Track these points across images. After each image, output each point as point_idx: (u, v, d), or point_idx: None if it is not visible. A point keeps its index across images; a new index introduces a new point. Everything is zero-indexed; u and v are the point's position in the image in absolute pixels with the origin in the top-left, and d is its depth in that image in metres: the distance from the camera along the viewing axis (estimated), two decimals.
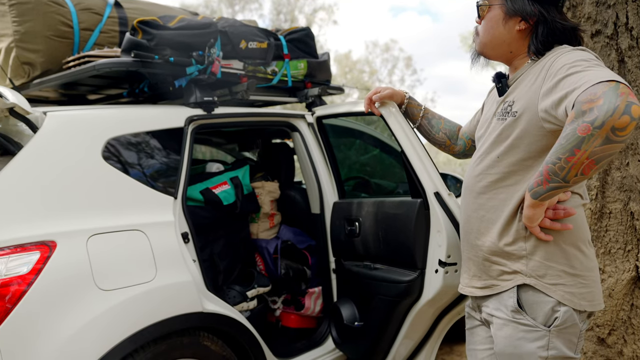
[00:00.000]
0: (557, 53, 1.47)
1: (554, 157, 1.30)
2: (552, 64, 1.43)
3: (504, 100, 1.58)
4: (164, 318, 1.92)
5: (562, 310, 1.44)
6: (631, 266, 2.13)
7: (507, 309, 1.50)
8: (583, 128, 1.22)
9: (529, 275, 1.48)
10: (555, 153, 1.30)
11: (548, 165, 1.32)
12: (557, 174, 1.31)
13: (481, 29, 1.62)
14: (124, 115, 2.22)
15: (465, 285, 1.67)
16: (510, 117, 1.51)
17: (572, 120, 1.26)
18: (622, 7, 2.10)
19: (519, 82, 1.55)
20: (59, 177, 1.89)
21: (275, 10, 22.87)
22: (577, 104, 1.25)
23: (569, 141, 1.26)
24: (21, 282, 1.67)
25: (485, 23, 1.61)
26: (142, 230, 1.97)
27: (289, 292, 2.92)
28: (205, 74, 2.40)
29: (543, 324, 1.45)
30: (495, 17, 1.58)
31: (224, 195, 2.63)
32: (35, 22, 2.53)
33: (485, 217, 1.57)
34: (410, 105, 2.10)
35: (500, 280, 1.53)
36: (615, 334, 2.19)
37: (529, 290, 1.48)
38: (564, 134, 1.28)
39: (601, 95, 1.21)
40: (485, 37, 1.61)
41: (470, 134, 1.97)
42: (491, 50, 1.62)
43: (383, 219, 2.30)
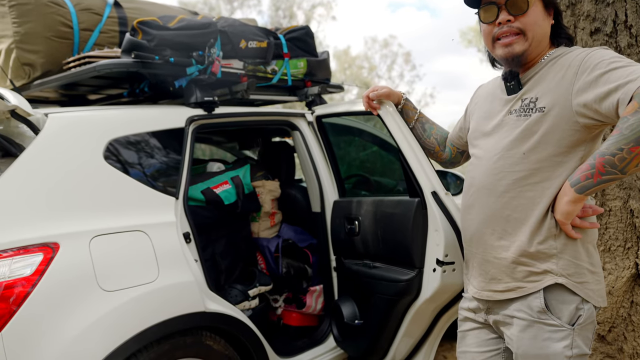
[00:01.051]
0: (582, 50, 1.44)
1: (613, 147, 1.29)
2: (583, 59, 1.40)
3: (522, 97, 1.52)
4: (166, 318, 1.93)
5: (585, 308, 1.45)
6: (631, 263, 2.14)
7: (531, 310, 1.47)
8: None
9: (559, 274, 1.45)
10: (616, 143, 1.29)
11: (605, 157, 1.30)
12: (615, 166, 1.30)
13: (528, 25, 1.48)
14: (125, 116, 2.22)
15: (481, 289, 1.59)
16: (536, 112, 1.46)
17: (635, 111, 1.26)
18: (621, 5, 2.11)
19: (537, 78, 1.51)
20: (61, 179, 1.90)
21: (273, 6, 22.83)
22: (638, 96, 1.25)
23: (634, 131, 1.25)
24: (25, 284, 1.68)
25: (531, 17, 1.48)
26: (144, 230, 1.98)
27: (290, 291, 2.94)
28: (206, 74, 2.41)
29: (567, 323, 1.44)
30: (539, 9, 1.49)
31: (225, 194, 2.64)
32: (35, 23, 2.53)
33: (511, 216, 1.50)
34: (406, 107, 2.10)
35: (527, 282, 1.48)
36: (615, 330, 2.20)
37: (555, 290, 1.46)
38: (627, 124, 1.27)
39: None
40: (537, 33, 1.49)
41: (455, 142, 1.95)
42: (536, 46, 1.51)
43: (382, 218, 2.32)
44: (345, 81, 23.03)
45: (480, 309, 1.63)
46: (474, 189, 1.60)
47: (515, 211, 1.50)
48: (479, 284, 1.60)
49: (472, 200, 1.61)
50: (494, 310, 1.58)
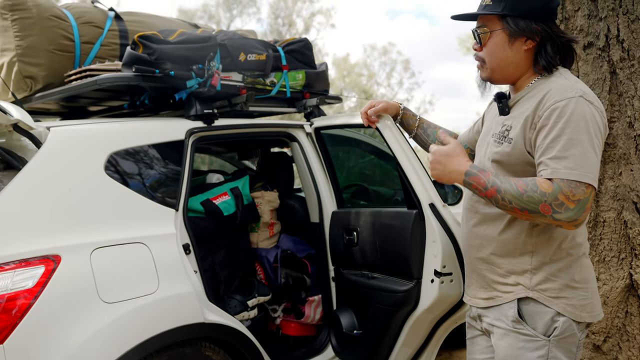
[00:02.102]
0: (549, 91, 1.47)
1: (508, 195, 1.41)
2: (544, 99, 1.45)
3: (504, 122, 1.59)
4: (166, 329, 1.95)
5: (561, 320, 1.48)
6: (625, 274, 2.17)
7: (507, 319, 1.53)
8: (546, 209, 1.37)
9: (531, 288, 1.51)
10: (511, 196, 1.41)
11: (495, 194, 1.43)
12: (497, 203, 1.44)
13: (486, 55, 1.60)
14: (126, 129, 2.25)
15: (471, 297, 1.69)
16: (506, 142, 1.54)
17: (545, 192, 1.37)
18: (613, 20, 2.15)
19: (518, 106, 1.57)
20: (62, 192, 1.92)
21: (273, 14, 22.94)
22: (556, 192, 1.37)
23: (530, 205, 1.39)
24: (27, 296, 1.70)
25: (489, 49, 1.59)
26: (144, 242, 2.00)
27: (289, 301, 2.96)
28: (205, 87, 2.44)
29: (543, 334, 1.48)
30: (499, 41, 1.57)
31: (224, 205, 2.66)
32: (37, 37, 2.56)
33: (487, 230, 1.60)
34: (405, 116, 2.13)
35: (502, 292, 1.56)
36: (610, 341, 2.22)
37: (529, 302, 1.51)
38: (534, 193, 1.38)
39: (576, 202, 1.36)
40: (493, 62, 1.59)
41: (469, 143, 1.97)
42: (500, 74, 1.60)
43: (380, 229, 2.34)
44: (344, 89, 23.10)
45: (476, 317, 1.70)
46: (464, 203, 1.72)
47: (487, 227, 1.59)
48: (471, 291, 1.70)
49: (463, 213, 1.73)
50: (483, 318, 1.65)
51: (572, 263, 1.52)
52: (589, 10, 2.22)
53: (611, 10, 2.15)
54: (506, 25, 1.54)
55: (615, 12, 2.14)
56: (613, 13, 2.15)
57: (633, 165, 2.12)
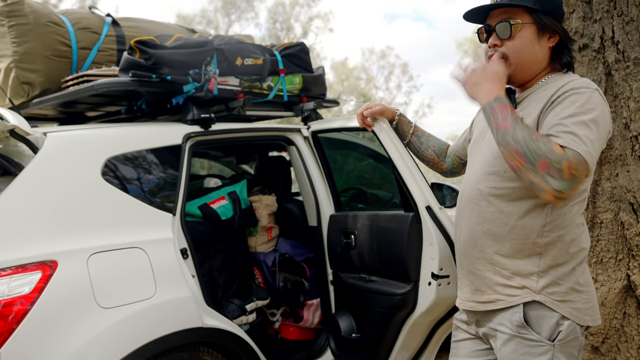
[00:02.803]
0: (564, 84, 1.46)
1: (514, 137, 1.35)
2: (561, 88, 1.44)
3: None
4: (164, 334, 1.95)
5: (565, 324, 1.46)
6: (623, 275, 2.17)
7: (511, 324, 1.49)
8: (544, 167, 1.32)
9: (538, 292, 1.48)
10: (518, 136, 1.35)
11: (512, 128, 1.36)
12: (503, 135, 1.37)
13: (511, 50, 1.52)
14: (123, 134, 2.26)
15: (465, 300, 1.62)
16: None
17: (553, 150, 1.32)
18: (608, 22, 2.16)
19: (527, 102, 1.54)
20: (59, 197, 1.92)
21: (271, 19, 23.02)
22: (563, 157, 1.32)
23: (532, 151, 1.33)
24: (24, 302, 1.70)
25: (517, 43, 1.52)
26: (141, 247, 2.00)
27: (287, 305, 2.95)
28: (202, 92, 2.44)
29: (547, 339, 1.46)
30: (528, 36, 1.51)
31: (222, 210, 2.66)
32: (34, 43, 2.57)
33: (491, 230, 1.53)
34: (400, 122, 2.13)
35: (506, 296, 1.51)
36: (608, 342, 2.22)
37: (534, 306, 1.48)
38: (543, 144, 1.33)
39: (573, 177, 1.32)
40: (520, 58, 1.52)
41: (458, 152, 1.97)
42: (521, 72, 1.55)
43: (377, 232, 2.34)
44: (343, 92, 23.14)
45: (471, 321, 1.65)
46: (462, 202, 1.64)
47: (494, 225, 1.53)
48: (464, 294, 1.64)
49: (459, 213, 1.66)
50: (482, 322, 1.60)
51: (576, 266, 1.50)
52: (583, 13, 2.23)
53: (606, 12, 2.16)
54: (537, 19, 1.50)
55: (609, 14, 2.15)
56: (608, 15, 2.16)
57: (629, 167, 2.13)
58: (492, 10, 1.58)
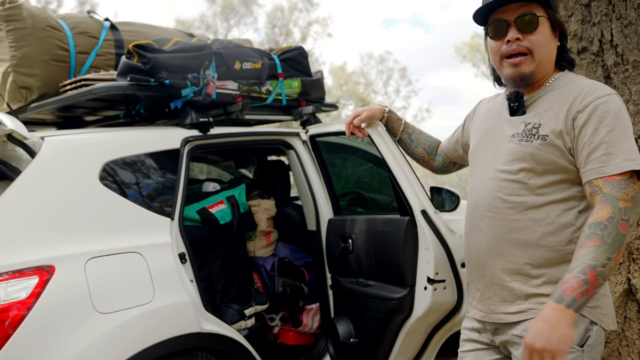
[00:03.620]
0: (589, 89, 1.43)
1: (602, 258, 1.27)
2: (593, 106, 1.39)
3: (525, 121, 1.51)
4: (162, 339, 1.93)
5: (594, 329, 1.43)
6: (623, 279, 2.16)
7: None
8: (623, 226, 1.30)
9: None
10: (604, 253, 1.27)
11: (597, 270, 1.27)
12: (605, 276, 1.28)
13: (536, 45, 1.46)
14: (121, 138, 2.25)
15: (490, 312, 1.54)
16: (538, 139, 1.45)
17: (609, 216, 1.30)
18: (606, 25, 2.15)
19: (541, 103, 1.50)
20: (57, 201, 1.91)
21: (270, 24, 23.05)
22: (612, 199, 1.31)
23: (615, 240, 1.28)
24: (20, 307, 1.69)
25: (540, 38, 1.46)
26: (139, 252, 1.99)
27: (286, 309, 2.94)
28: (201, 96, 2.44)
29: (577, 344, 1.41)
30: (547, 30, 1.47)
31: (221, 214, 2.65)
32: (32, 47, 2.57)
33: (518, 239, 1.48)
34: (390, 120, 2.10)
35: (538, 304, 1.45)
36: (609, 346, 2.21)
37: None
38: (607, 232, 1.29)
39: (632, 199, 1.31)
40: (543, 53, 1.46)
41: (449, 153, 1.93)
42: (542, 67, 1.48)
43: (374, 236, 2.34)
44: (341, 97, 23.17)
45: (487, 329, 1.59)
46: (480, 211, 1.56)
47: (522, 234, 1.47)
48: (488, 307, 1.55)
49: (477, 222, 1.57)
50: (502, 330, 1.53)
51: None
52: (582, 16, 2.23)
53: (604, 15, 2.16)
54: (552, 15, 1.47)
55: (608, 17, 2.15)
56: (606, 18, 2.15)
57: None
58: (504, 6, 1.50)
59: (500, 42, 1.52)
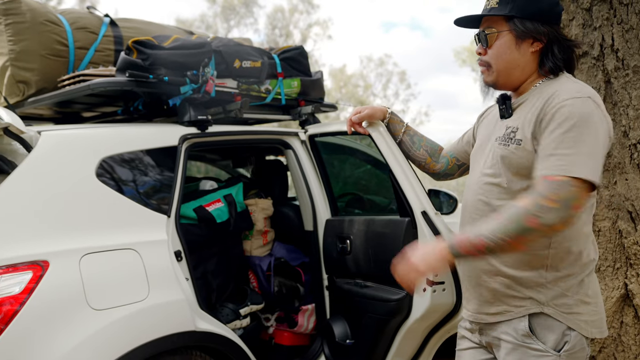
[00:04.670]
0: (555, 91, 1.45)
1: (494, 234, 1.36)
2: (553, 108, 1.42)
3: (507, 125, 1.55)
4: (156, 337, 1.92)
5: (572, 335, 1.44)
6: (620, 284, 2.15)
7: (517, 333, 1.48)
8: (531, 220, 1.33)
9: (546, 304, 1.46)
10: (497, 231, 1.36)
11: (486, 242, 1.37)
12: (491, 251, 1.38)
13: (492, 58, 1.56)
14: (118, 134, 2.24)
15: (474, 312, 1.60)
16: (513, 144, 1.49)
17: (523, 206, 1.34)
18: (607, 30, 2.15)
19: (522, 108, 1.54)
20: (52, 197, 1.90)
21: (270, 25, 23.07)
22: (538, 194, 1.35)
23: (517, 227, 1.34)
24: (13, 302, 1.67)
25: (495, 51, 1.55)
26: (135, 249, 1.98)
27: (282, 310, 2.92)
28: (199, 93, 2.43)
29: (553, 349, 1.44)
30: (506, 42, 1.53)
31: (218, 212, 2.64)
32: (31, 41, 2.55)
33: None
34: (392, 121, 2.10)
35: (513, 307, 1.49)
36: (605, 351, 2.20)
37: (541, 316, 1.46)
38: (514, 213, 1.35)
39: (560, 200, 1.32)
40: (500, 65, 1.55)
41: (457, 153, 1.93)
42: (506, 77, 1.57)
43: (373, 237, 2.33)
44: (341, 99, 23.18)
45: (475, 329, 1.63)
46: (467, 213, 1.62)
47: None
48: (474, 306, 1.60)
49: (464, 224, 1.63)
50: (486, 331, 1.58)
51: (585, 278, 1.48)
52: (583, 20, 2.23)
53: (606, 20, 2.16)
54: (513, 27, 1.52)
55: (609, 22, 2.15)
56: (607, 22, 2.15)
57: (628, 175, 2.12)
58: (469, 23, 1.63)
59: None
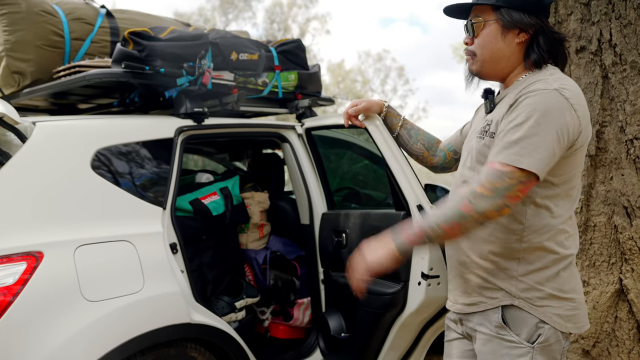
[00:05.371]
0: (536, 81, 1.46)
1: (434, 222, 1.43)
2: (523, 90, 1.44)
3: (486, 118, 1.57)
4: (151, 329, 1.92)
5: (545, 328, 1.45)
6: (615, 279, 2.16)
7: (491, 325, 1.50)
8: (466, 206, 1.38)
9: (517, 296, 1.47)
10: (437, 219, 1.43)
11: (425, 230, 1.44)
12: (430, 238, 1.45)
13: (477, 47, 1.56)
14: (114, 125, 2.23)
15: (454, 302, 1.63)
16: (487, 137, 1.51)
17: (462, 194, 1.40)
18: (606, 24, 2.15)
19: (503, 100, 1.54)
20: (47, 188, 1.89)
21: (268, 19, 22.97)
22: (476, 182, 1.40)
23: (453, 213, 1.40)
24: (7, 293, 1.67)
25: (481, 40, 1.55)
26: (130, 241, 1.97)
27: (277, 303, 2.92)
28: (196, 85, 2.41)
29: (527, 340, 1.45)
30: (491, 32, 1.53)
31: (214, 205, 2.63)
32: (26, 32, 2.53)
33: (476, 233, 1.52)
34: (389, 115, 2.09)
35: (487, 298, 1.51)
36: (599, 346, 2.21)
37: (513, 308, 1.48)
38: (455, 200, 1.41)
39: (494, 189, 1.37)
40: (485, 54, 1.55)
41: (455, 145, 1.93)
42: (491, 67, 1.57)
43: (368, 231, 2.32)
44: (339, 94, 23.14)
45: (457, 320, 1.65)
46: None
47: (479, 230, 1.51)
48: (454, 297, 1.64)
49: None
50: (463, 322, 1.61)
51: (561, 271, 1.48)
52: (582, 15, 2.23)
53: (604, 15, 2.15)
54: (500, 16, 1.52)
55: (608, 17, 2.15)
56: (606, 17, 2.15)
57: (624, 170, 2.12)
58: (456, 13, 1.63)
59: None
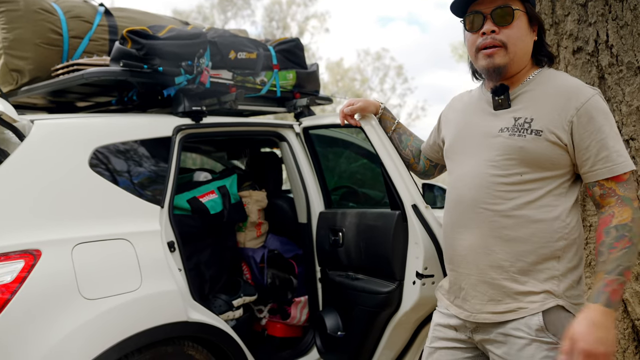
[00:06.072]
0: (577, 87, 1.45)
1: (634, 259, 1.35)
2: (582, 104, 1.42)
3: (514, 115, 1.49)
4: (148, 327, 1.92)
5: None
6: None
7: (529, 329, 1.43)
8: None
9: (560, 296, 1.43)
10: (634, 254, 1.35)
11: (631, 270, 1.36)
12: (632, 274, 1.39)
13: (510, 38, 1.45)
14: (112, 124, 2.23)
15: (477, 312, 1.51)
16: (532, 134, 1.44)
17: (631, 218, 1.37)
18: (602, 25, 2.16)
19: (530, 98, 1.49)
20: (45, 186, 1.89)
21: (267, 17, 22.95)
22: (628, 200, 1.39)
23: (639, 239, 1.37)
24: (4, 291, 1.67)
25: (515, 31, 1.45)
26: (127, 239, 1.97)
27: (275, 301, 2.93)
28: (194, 84, 2.42)
29: None
30: (523, 24, 1.46)
31: (211, 204, 2.64)
32: (25, 30, 2.54)
33: (509, 236, 1.46)
34: (383, 117, 2.09)
35: (528, 303, 1.44)
36: None
37: (553, 309, 1.43)
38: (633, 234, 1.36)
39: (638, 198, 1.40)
40: (518, 47, 1.46)
41: (428, 155, 1.92)
42: (517, 64, 1.48)
43: (364, 230, 2.33)
44: (337, 93, 23.13)
45: (466, 327, 1.55)
46: (464, 207, 1.53)
47: (512, 230, 1.46)
48: (473, 306, 1.52)
49: (461, 219, 1.54)
50: (485, 329, 1.51)
51: (581, 268, 1.50)
52: (578, 15, 2.23)
53: (601, 16, 2.16)
54: (528, 8, 1.46)
55: (604, 18, 2.15)
56: (602, 18, 2.16)
57: None
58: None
59: (476, 35, 1.52)
